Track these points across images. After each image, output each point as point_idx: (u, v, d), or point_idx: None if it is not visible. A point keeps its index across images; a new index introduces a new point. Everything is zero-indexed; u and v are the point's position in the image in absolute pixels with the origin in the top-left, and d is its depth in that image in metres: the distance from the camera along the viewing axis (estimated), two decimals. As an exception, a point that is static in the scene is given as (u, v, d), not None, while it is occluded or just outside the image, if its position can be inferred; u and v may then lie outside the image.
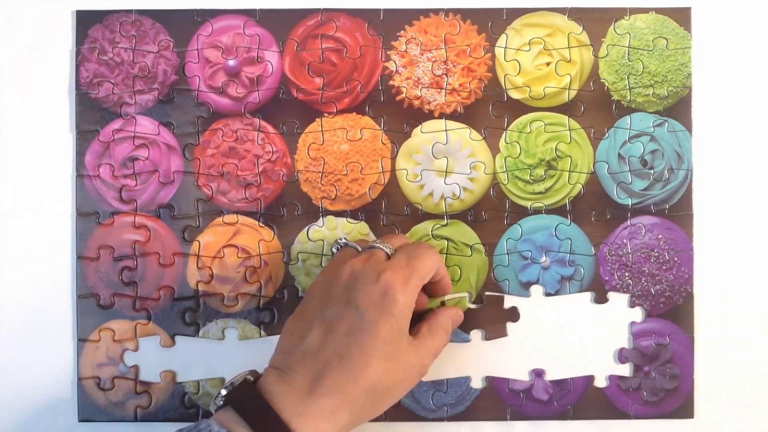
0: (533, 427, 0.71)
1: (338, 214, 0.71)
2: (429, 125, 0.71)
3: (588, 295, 0.71)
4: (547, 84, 0.71)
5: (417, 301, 0.62)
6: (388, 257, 0.61)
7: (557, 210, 0.71)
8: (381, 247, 0.62)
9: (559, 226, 0.71)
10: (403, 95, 0.71)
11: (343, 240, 0.65)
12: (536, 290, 0.70)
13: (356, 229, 0.71)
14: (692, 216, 0.71)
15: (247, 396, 0.56)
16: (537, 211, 0.71)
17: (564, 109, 0.71)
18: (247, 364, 0.69)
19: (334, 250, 0.66)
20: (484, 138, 0.71)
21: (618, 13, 0.71)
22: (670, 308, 0.71)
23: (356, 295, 0.58)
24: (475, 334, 0.71)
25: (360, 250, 0.63)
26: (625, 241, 0.71)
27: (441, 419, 0.71)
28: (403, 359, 0.58)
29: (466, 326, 0.71)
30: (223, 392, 0.57)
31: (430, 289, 0.65)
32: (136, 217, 0.71)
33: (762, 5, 0.72)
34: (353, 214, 0.71)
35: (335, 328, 0.58)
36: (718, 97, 0.72)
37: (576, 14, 0.71)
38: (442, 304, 0.67)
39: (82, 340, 0.71)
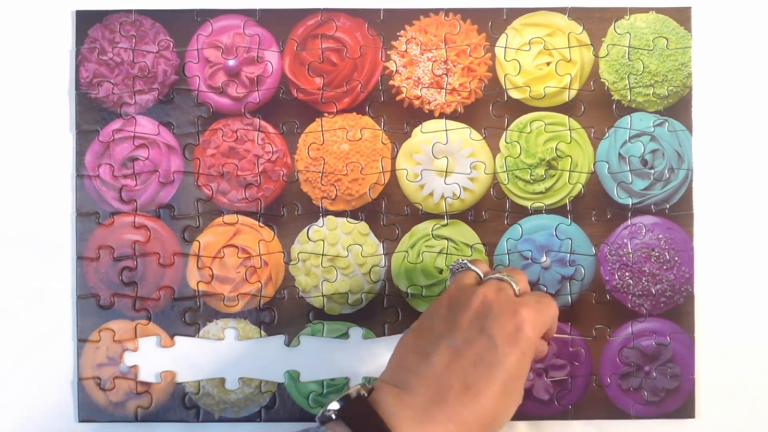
0: (533, 426, 0.71)
1: (338, 214, 0.71)
2: (429, 125, 0.71)
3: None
4: (548, 84, 0.71)
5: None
6: (515, 293, 0.60)
7: (557, 210, 0.71)
8: (509, 281, 0.60)
9: (559, 225, 0.71)
10: (404, 95, 0.71)
11: (464, 261, 0.63)
12: None
13: (356, 229, 0.71)
14: (692, 216, 0.71)
15: (363, 413, 0.53)
16: (537, 211, 0.71)
17: (564, 108, 0.71)
18: (247, 364, 0.69)
19: (453, 270, 0.63)
20: (484, 138, 0.71)
21: (618, 13, 0.71)
22: (671, 308, 0.71)
23: (490, 326, 0.56)
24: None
25: (482, 276, 0.61)
26: (625, 240, 0.71)
27: (441, 419, 0.70)
28: (517, 394, 0.57)
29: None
30: (336, 405, 0.54)
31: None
32: (136, 217, 0.71)
33: (762, 5, 0.72)
34: (353, 214, 0.71)
35: (464, 354, 0.55)
36: (719, 96, 0.72)
37: (576, 14, 0.71)
38: None
39: (82, 340, 0.70)
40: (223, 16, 0.72)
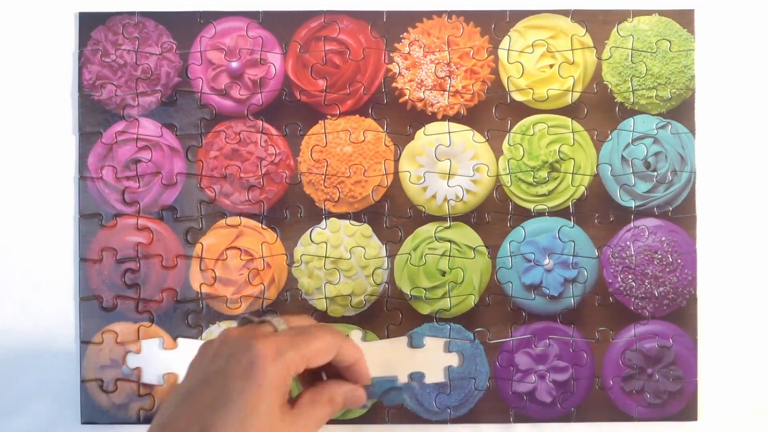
0: (536, 429, 0.71)
1: (341, 216, 0.71)
2: (432, 127, 0.71)
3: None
4: (551, 86, 0.71)
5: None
6: (274, 329, 0.56)
7: (560, 212, 0.71)
8: (271, 321, 0.56)
9: (562, 228, 0.71)
10: (406, 97, 0.71)
11: (246, 315, 0.59)
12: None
13: (359, 232, 0.71)
14: (695, 218, 0.71)
15: None
16: (540, 214, 0.71)
17: (567, 111, 0.71)
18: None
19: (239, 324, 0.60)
20: (487, 140, 0.71)
21: (621, 15, 0.71)
22: (674, 310, 0.71)
23: (224, 365, 0.53)
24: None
25: (256, 321, 0.57)
26: (628, 243, 0.71)
27: (444, 421, 0.70)
28: (276, 429, 0.53)
29: (470, 325, 0.70)
30: None
31: (347, 377, 0.58)
32: (139, 219, 0.71)
33: (765, 7, 0.72)
34: (356, 216, 0.71)
35: (200, 398, 0.53)
36: (721, 99, 0.72)
37: (579, 16, 0.71)
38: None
39: (84, 342, 0.70)
40: (225, 18, 0.72)
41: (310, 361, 0.55)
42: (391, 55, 0.71)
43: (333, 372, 0.57)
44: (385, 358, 0.65)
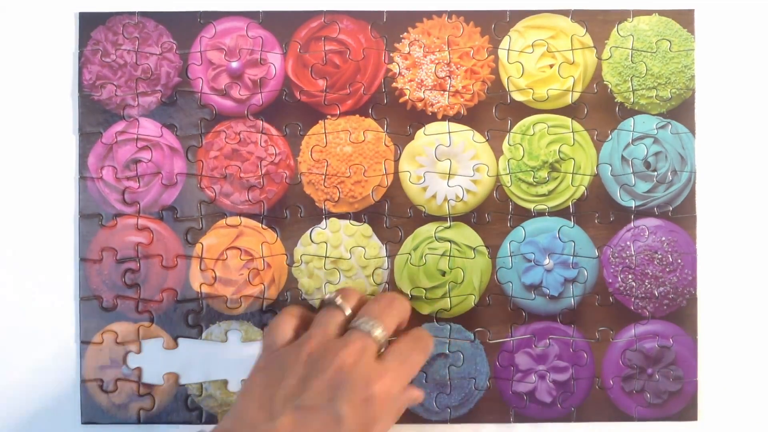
0: (536, 429, 0.71)
1: (341, 216, 0.71)
2: (432, 127, 0.71)
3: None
4: (551, 86, 0.71)
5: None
6: (378, 347, 0.59)
7: (560, 212, 0.71)
8: (372, 331, 0.59)
9: (562, 228, 0.71)
10: (407, 97, 0.71)
11: (334, 298, 0.62)
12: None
13: (359, 232, 0.71)
14: (696, 218, 0.71)
15: None
16: (540, 214, 0.71)
17: (567, 111, 0.71)
18: (249, 366, 0.69)
19: (324, 303, 0.63)
20: (487, 140, 0.71)
21: (621, 15, 0.71)
22: (674, 310, 0.71)
23: (340, 397, 0.56)
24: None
25: (347, 314, 0.61)
26: (628, 243, 0.71)
27: (444, 421, 0.71)
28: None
29: (470, 325, 0.71)
30: None
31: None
32: (139, 219, 0.71)
33: (765, 7, 0.72)
34: (356, 217, 0.71)
35: (310, 422, 0.55)
36: (722, 99, 0.72)
37: (579, 16, 0.71)
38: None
39: (84, 342, 0.70)
40: (226, 18, 0.72)
41: (412, 375, 0.61)
42: (391, 55, 0.71)
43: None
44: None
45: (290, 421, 0.55)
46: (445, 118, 0.71)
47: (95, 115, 0.71)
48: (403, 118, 0.71)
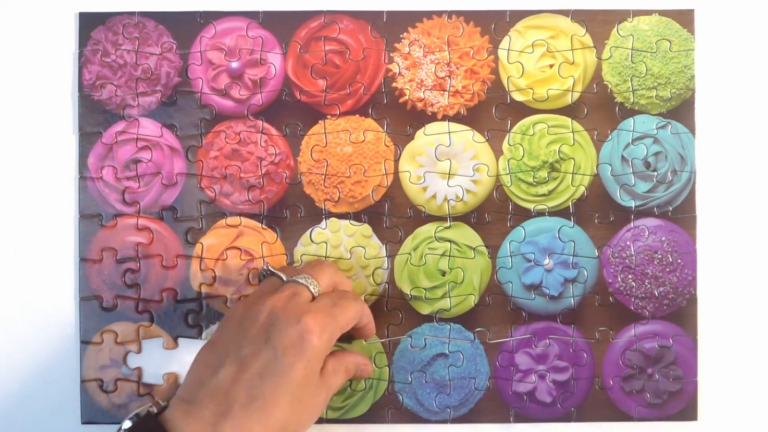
0: (536, 429, 0.71)
1: (341, 216, 0.71)
2: (432, 127, 0.71)
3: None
4: (551, 86, 0.71)
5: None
6: (312, 296, 0.62)
7: (560, 212, 0.71)
8: (305, 284, 0.62)
9: (562, 228, 0.71)
10: (406, 97, 0.71)
11: (268, 268, 0.64)
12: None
13: (359, 232, 0.71)
14: (695, 218, 0.71)
15: (150, 429, 0.56)
16: (540, 214, 0.71)
17: (567, 111, 0.71)
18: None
19: (260, 278, 0.65)
20: (487, 140, 0.71)
21: (621, 15, 0.71)
22: (674, 310, 0.71)
23: (274, 336, 0.58)
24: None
25: (285, 280, 0.62)
26: (628, 243, 0.71)
27: (444, 421, 0.71)
28: (311, 401, 0.59)
29: (470, 325, 0.71)
30: (127, 424, 0.56)
31: (353, 333, 0.66)
32: (139, 219, 0.71)
33: (765, 7, 0.72)
34: (356, 216, 0.71)
35: (250, 366, 0.57)
36: (722, 99, 0.72)
37: (579, 16, 0.71)
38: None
39: (84, 342, 0.70)
40: (226, 18, 0.72)
41: (344, 330, 0.62)
42: (391, 55, 0.71)
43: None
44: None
45: (233, 371, 0.57)
46: (445, 118, 0.71)
47: (95, 115, 0.71)
48: (403, 118, 0.71)
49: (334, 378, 0.62)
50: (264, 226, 0.71)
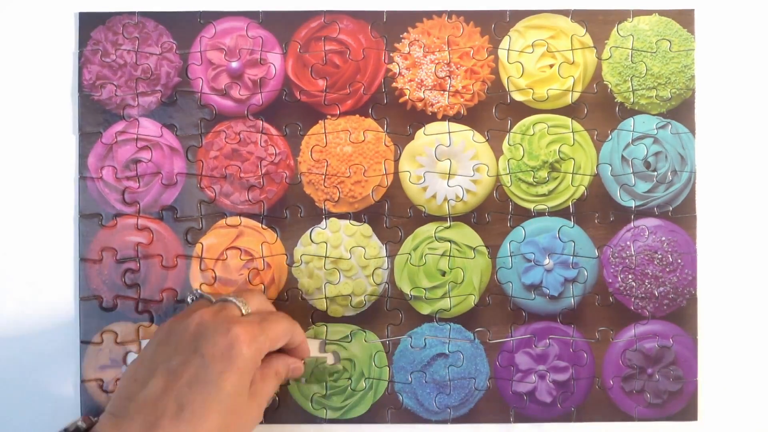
0: (536, 429, 0.71)
1: (341, 216, 0.71)
2: (432, 127, 0.71)
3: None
4: (551, 86, 0.71)
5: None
6: (241, 313, 0.62)
7: (560, 212, 0.71)
8: (235, 302, 0.62)
9: (562, 228, 0.71)
10: (407, 97, 0.71)
11: (198, 291, 0.66)
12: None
13: (359, 232, 0.71)
14: (695, 218, 0.71)
15: None
16: (540, 214, 0.71)
17: (567, 111, 0.71)
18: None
19: (189, 300, 0.67)
20: (487, 140, 0.71)
21: (621, 15, 0.71)
22: (674, 310, 0.71)
23: (203, 345, 0.58)
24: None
25: (214, 301, 0.63)
26: (628, 243, 0.71)
27: (444, 421, 0.71)
28: (243, 411, 0.59)
29: (470, 325, 0.71)
30: None
31: (289, 353, 0.66)
32: (139, 219, 0.71)
33: (765, 7, 0.72)
34: (356, 216, 0.71)
35: (179, 377, 0.57)
36: (722, 99, 0.72)
37: (579, 16, 0.71)
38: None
39: (84, 342, 0.70)
40: (226, 18, 0.72)
41: (274, 344, 0.62)
42: (391, 55, 0.71)
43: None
44: None
45: (162, 382, 0.57)
46: (445, 118, 0.71)
47: (95, 115, 0.71)
48: (403, 118, 0.71)
49: (264, 385, 0.62)
50: (264, 226, 0.71)
